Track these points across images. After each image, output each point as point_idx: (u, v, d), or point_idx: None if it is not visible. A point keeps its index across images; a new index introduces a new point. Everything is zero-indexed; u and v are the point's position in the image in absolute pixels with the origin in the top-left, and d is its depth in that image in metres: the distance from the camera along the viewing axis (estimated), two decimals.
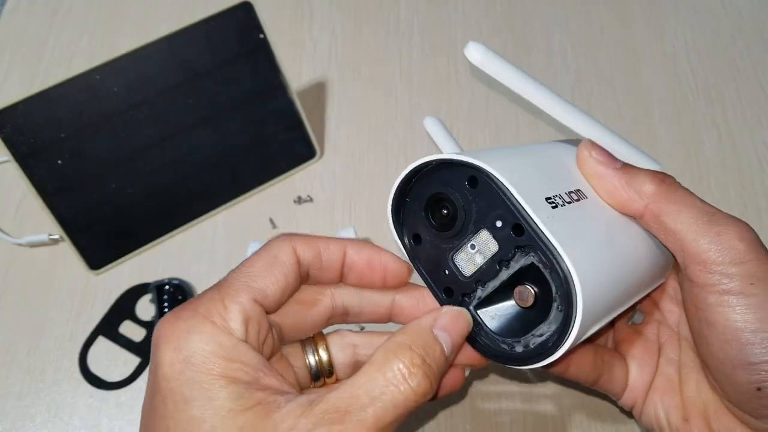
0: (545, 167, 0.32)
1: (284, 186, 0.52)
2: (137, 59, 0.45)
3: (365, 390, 0.24)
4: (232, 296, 0.26)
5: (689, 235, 0.30)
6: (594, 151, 0.32)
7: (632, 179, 0.31)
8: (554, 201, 0.29)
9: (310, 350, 0.31)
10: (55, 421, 0.44)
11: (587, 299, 0.27)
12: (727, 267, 0.29)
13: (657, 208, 0.31)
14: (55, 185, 0.46)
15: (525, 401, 0.43)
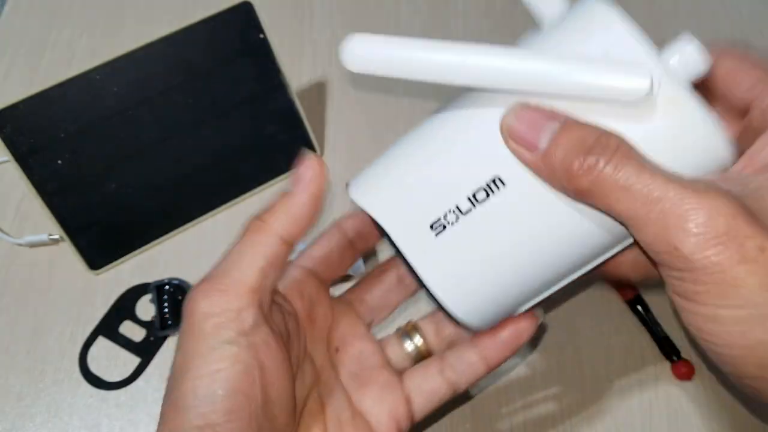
0: (444, 172, 0.29)
1: (284, 186, 0.52)
2: (137, 59, 0.45)
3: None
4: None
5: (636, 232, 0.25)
6: (512, 129, 0.26)
7: (555, 169, 0.26)
8: (442, 223, 0.28)
9: (407, 339, 0.36)
10: (54, 421, 0.44)
11: (475, 316, 0.29)
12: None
13: (593, 201, 0.26)
14: (55, 185, 0.46)
15: (525, 401, 0.43)
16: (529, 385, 0.44)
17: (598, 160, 0.24)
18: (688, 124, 0.26)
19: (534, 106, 0.26)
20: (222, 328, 0.27)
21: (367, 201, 0.30)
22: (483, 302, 0.29)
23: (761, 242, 0.22)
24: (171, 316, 0.46)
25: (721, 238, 0.22)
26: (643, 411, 0.43)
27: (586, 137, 0.25)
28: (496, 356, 0.34)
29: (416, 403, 0.34)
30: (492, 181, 0.27)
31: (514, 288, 0.29)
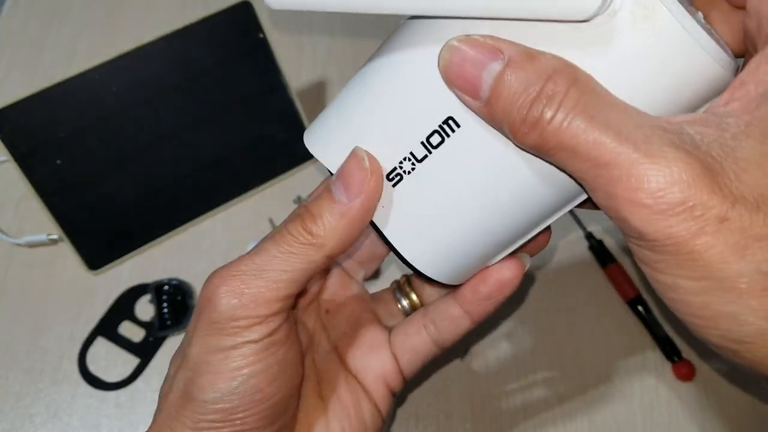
0: (394, 117, 0.26)
1: (284, 186, 0.52)
2: (137, 59, 0.45)
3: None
4: None
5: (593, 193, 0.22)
6: (449, 71, 0.23)
7: (499, 121, 0.22)
8: (398, 172, 0.26)
9: (399, 294, 0.36)
10: (54, 421, 0.43)
11: (440, 268, 0.28)
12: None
13: (542, 155, 0.23)
14: (55, 185, 0.46)
15: (525, 402, 0.43)
16: (530, 384, 0.44)
17: (543, 112, 0.21)
18: (665, 45, 0.21)
19: (474, 38, 0.22)
20: (248, 330, 0.27)
21: (323, 153, 0.28)
22: (447, 254, 0.28)
23: (722, 211, 0.19)
24: (170, 317, 0.46)
25: (675, 209, 0.19)
26: (644, 411, 0.43)
27: (531, 82, 0.21)
28: (479, 310, 0.32)
29: (403, 360, 0.33)
30: (445, 122, 0.25)
31: (477, 237, 0.27)
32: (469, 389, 0.44)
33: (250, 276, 0.27)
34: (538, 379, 0.44)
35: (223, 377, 0.27)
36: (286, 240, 0.27)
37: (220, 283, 0.27)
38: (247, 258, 0.27)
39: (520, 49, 0.22)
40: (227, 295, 0.27)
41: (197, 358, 0.27)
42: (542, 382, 0.44)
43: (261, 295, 0.27)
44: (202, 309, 0.27)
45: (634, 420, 0.42)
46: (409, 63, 0.25)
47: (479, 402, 0.43)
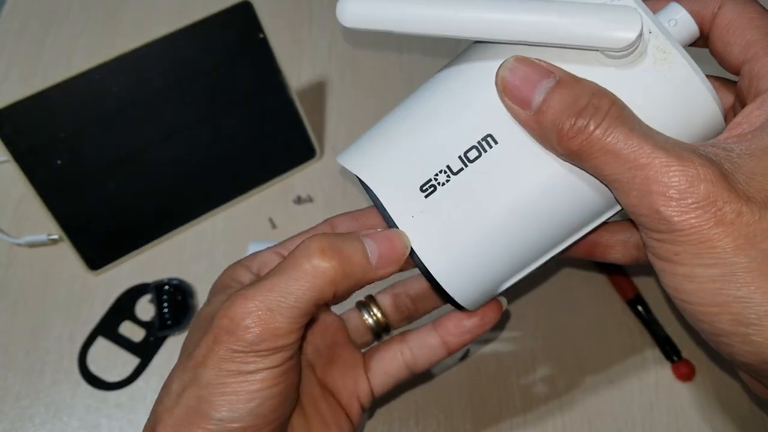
0: (435, 132, 0.28)
1: (284, 186, 0.52)
2: (136, 59, 0.45)
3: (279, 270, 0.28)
4: (260, 252, 0.34)
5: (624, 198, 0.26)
6: (506, 84, 0.26)
7: (546, 128, 0.26)
8: (433, 184, 0.28)
9: (366, 312, 0.38)
10: (54, 421, 0.43)
11: (462, 285, 0.29)
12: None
13: (581, 163, 0.26)
14: (55, 185, 0.46)
15: (525, 402, 0.43)
16: (529, 384, 0.44)
17: (589, 122, 0.25)
18: (677, 82, 0.26)
19: (529, 59, 0.26)
20: (268, 358, 0.28)
21: (355, 163, 0.30)
22: (469, 268, 0.29)
23: (738, 207, 0.23)
24: (171, 317, 0.46)
25: (700, 203, 0.23)
26: (644, 411, 0.43)
27: (579, 97, 0.25)
28: (458, 342, 0.35)
29: (376, 383, 0.36)
30: (484, 139, 0.27)
31: (501, 253, 0.29)
32: (469, 389, 0.44)
33: (272, 308, 0.27)
34: (538, 379, 0.44)
35: (242, 398, 0.28)
36: (307, 274, 0.27)
37: (243, 314, 0.27)
38: (269, 291, 0.28)
39: (567, 73, 0.26)
40: (251, 328, 0.27)
41: (213, 379, 0.28)
42: (542, 382, 0.44)
43: (282, 328, 0.28)
44: (221, 337, 0.28)
45: (634, 420, 0.42)
46: (455, 85, 0.29)
47: (479, 402, 0.43)
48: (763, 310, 0.23)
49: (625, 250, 0.34)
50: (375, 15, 0.27)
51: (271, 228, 0.50)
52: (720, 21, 0.29)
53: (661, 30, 0.26)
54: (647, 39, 0.26)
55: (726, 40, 0.28)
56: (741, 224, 0.23)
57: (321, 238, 0.28)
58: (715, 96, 0.27)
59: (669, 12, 0.29)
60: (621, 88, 0.26)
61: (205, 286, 0.48)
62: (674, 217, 0.24)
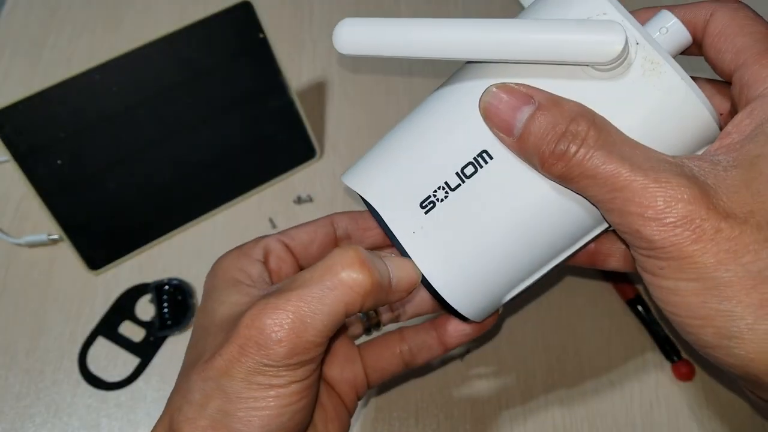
0: (433, 149, 0.29)
1: (284, 186, 0.52)
2: (137, 59, 0.45)
3: (304, 279, 0.28)
4: (265, 238, 0.34)
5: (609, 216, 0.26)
6: (488, 112, 0.27)
7: (529, 154, 0.27)
8: (432, 200, 0.29)
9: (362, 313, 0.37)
10: (54, 421, 0.43)
11: (465, 298, 0.29)
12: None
13: (566, 183, 0.27)
14: (55, 185, 0.46)
15: (525, 402, 0.43)
16: (529, 384, 0.44)
17: (569, 147, 0.25)
18: (667, 93, 0.26)
19: (509, 86, 0.27)
20: (297, 371, 0.27)
21: (358, 182, 0.31)
22: (470, 281, 0.29)
23: (717, 224, 0.24)
24: (171, 317, 0.46)
25: (678, 222, 0.24)
26: (644, 411, 0.43)
27: (558, 123, 0.26)
28: (455, 342, 0.36)
29: (372, 375, 0.36)
30: (479, 155, 0.28)
31: (501, 265, 0.29)
32: (469, 389, 0.44)
33: (305, 320, 0.27)
34: (538, 379, 0.44)
35: (274, 414, 0.27)
36: (342, 286, 0.27)
37: (274, 326, 0.26)
38: (302, 302, 0.27)
39: (548, 96, 0.26)
40: (282, 342, 0.26)
41: (241, 393, 0.27)
42: (542, 382, 0.44)
43: (312, 342, 0.27)
44: (249, 348, 0.27)
45: (634, 420, 0.42)
46: (450, 104, 0.29)
47: (479, 402, 0.43)
48: (744, 323, 0.24)
49: (625, 259, 0.34)
50: (369, 42, 0.28)
51: (271, 228, 0.50)
52: (711, 29, 0.29)
53: (648, 41, 0.26)
54: (635, 50, 0.26)
55: (718, 48, 0.28)
56: (721, 240, 0.24)
57: (358, 248, 0.28)
58: (706, 103, 0.27)
59: (660, 20, 0.29)
60: (610, 100, 0.26)
61: None
62: (654, 236, 0.24)
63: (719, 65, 0.29)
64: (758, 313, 0.24)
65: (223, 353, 0.27)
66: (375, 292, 0.27)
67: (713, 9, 0.29)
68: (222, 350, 0.27)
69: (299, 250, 0.35)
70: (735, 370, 0.25)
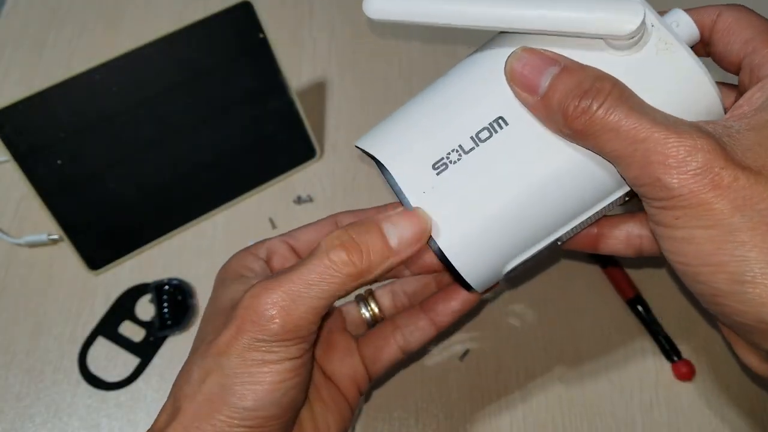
0: (448, 113, 0.30)
1: (284, 186, 0.52)
2: (137, 59, 0.45)
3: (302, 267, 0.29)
4: (269, 239, 0.36)
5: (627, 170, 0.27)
6: (514, 72, 0.28)
7: (553, 111, 0.28)
8: (445, 162, 0.29)
9: (364, 306, 0.39)
10: (54, 421, 0.43)
11: (470, 262, 0.30)
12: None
13: (586, 142, 0.28)
14: (55, 185, 0.46)
15: (525, 401, 0.43)
16: (529, 384, 0.44)
17: (592, 103, 0.26)
18: (678, 69, 0.28)
19: (536, 50, 0.28)
20: (290, 349, 0.29)
21: (370, 144, 0.31)
22: (476, 245, 0.30)
23: (734, 172, 0.25)
24: (171, 317, 0.46)
25: (698, 169, 0.25)
26: (644, 411, 0.43)
27: (583, 81, 0.27)
28: (445, 321, 0.37)
29: (372, 368, 0.38)
30: (495, 120, 0.29)
31: (507, 230, 0.30)
32: (469, 389, 0.44)
33: (295, 300, 0.29)
34: (538, 379, 0.44)
35: (267, 389, 0.29)
36: (328, 268, 0.29)
37: (267, 304, 0.29)
38: (291, 279, 0.29)
39: (571, 60, 0.28)
40: (275, 318, 0.28)
41: (237, 368, 0.29)
42: (541, 381, 0.44)
43: (304, 319, 0.29)
44: (245, 326, 0.29)
45: (634, 420, 0.42)
46: (469, 73, 0.30)
47: (479, 402, 0.43)
48: (758, 268, 0.25)
49: (627, 242, 0.35)
50: (398, 7, 0.28)
51: (271, 228, 0.50)
52: (720, 25, 0.30)
53: (663, 25, 0.28)
54: (650, 31, 0.28)
55: (726, 41, 0.30)
56: (737, 188, 0.25)
57: (341, 232, 0.29)
58: (713, 83, 0.28)
59: (672, 16, 0.30)
60: (625, 72, 0.28)
61: (205, 286, 0.48)
62: (674, 183, 0.25)
63: (727, 57, 0.30)
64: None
65: (223, 333, 0.29)
66: (367, 267, 0.29)
67: (720, 10, 0.30)
68: (222, 331, 0.29)
69: (303, 250, 0.36)
70: (746, 318, 0.25)
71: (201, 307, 0.47)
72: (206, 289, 0.47)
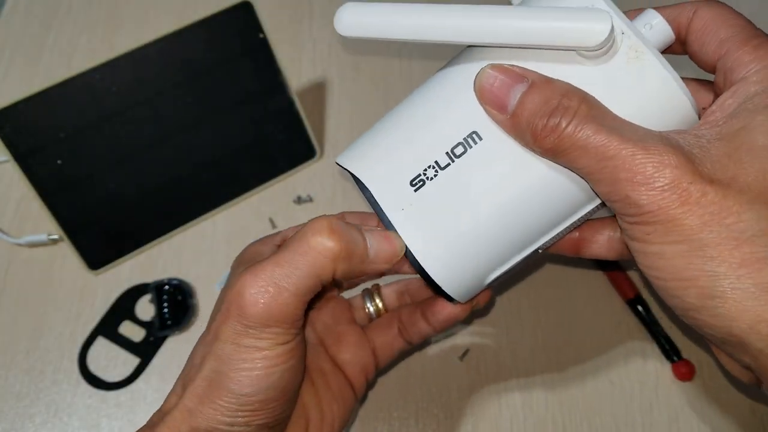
0: (424, 128, 0.30)
1: (284, 186, 0.52)
2: (137, 59, 0.45)
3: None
4: (285, 230, 0.36)
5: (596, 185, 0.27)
6: (482, 90, 0.28)
7: (522, 129, 0.28)
8: (422, 178, 0.29)
9: (369, 300, 0.40)
10: (54, 421, 0.43)
11: (450, 276, 0.30)
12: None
13: (556, 159, 0.28)
14: (55, 185, 0.46)
15: (524, 401, 0.43)
16: (529, 384, 0.44)
17: (560, 121, 0.26)
18: (649, 78, 0.27)
19: (504, 66, 0.28)
20: (280, 335, 0.30)
21: (350, 161, 0.31)
22: (455, 259, 0.30)
23: (703, 187, 0.25)
24: (170, 317, 0.46)
25: (666, 186, 0.25)
26: (644, 411, 0.43)
27: (550, 98, 0.27)
28: (441, 326, 0.38)
29: (380, 357, 0.39)
30: (469, 135, 0.29)
31: (486, 244, 0.30)
32: (469, 389, 0.44)
33: (281, 288, 0.29)
34: (538, 378, 0.44)
35: (261, 374, 0.29)
36: (312, 249, 0.29)
37: (251, 288, 0.29)
38: (277, 266, 0.29)
39: (540, 75, 0.28)
40: (259, 302, 0.29)
41: (231, 354, 0.29)
42: (541, 381, 0.44)
43: (291, 306, 0.29)
44: (231, 313, 0.29)
45: (634, 420, 0.42)
46: (441, 86, 0.31)
47: (479, 402, 0.43)
48: (728, 283, 0.25)
49: (609, 246, 0.35)
50: (368, 24, 0.29)
51: (271, 228, 0.50)
52: (695, 24, 0.30)
53: (633, 32, 0.28)
54: (620, 39, 0.27)
55: (702, 41, 0.30)
56: (706, 203, 0.25)
57: (330, 217, 0.30)
58: (686, 91, 0.28)
59: (645, 17, 0.30)
60: (595, 84, 0.27)
61: (205, 286, 0.48)
62: (642, 199, 0.25)
63: (703, 57, 0.30)
64: (740, 272, 0.24)
65: (216, 318, 0.30)
66: (345, 258, 0.29)
67: (696, 7, 0.30)
68: (216, 316, 0.30)
69: None
70: (718, 332, 0.26)
71: (201, 307, 0.47)
72: (206, 289, 0.48)
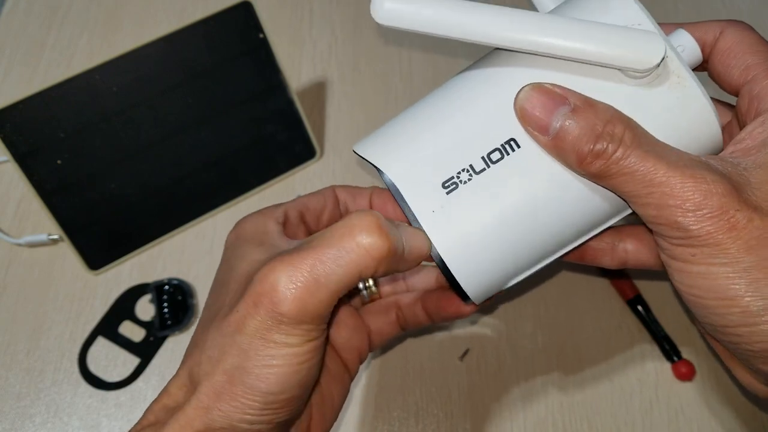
0: (460, 132, 0.30)
1: (284, 186, 0.52)
2: (137, 59, 0.45)
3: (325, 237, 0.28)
4: (285, 204, 0.35)
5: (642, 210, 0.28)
6: (524, 112, 0.28)
7: (566, 152, 0.28)
8: (455, 181, 0.29)
9: (363, 282, 0.39)
10: (54, 421, 0.43)
11: (474, 281, 0.30)
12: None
13: (600, 182, 0.29)
14: (55, 185, 0.46)
15: (524, 401, 0.43)
16: (529, 384, 0.44)
17: (607, 147, 0.27)
18: (689, 106, 0.28)
19: (545, 87, 0.28)
20: (311, 331, 0.28)
21: (376, 155, 0.30)
22: (482, 265, 0.30)
23: (749, 214, 0.26)
24: (171, 317, 0.46)
25: (714, 212, 0.26)
26: (644, 411, 0.43)
27: (595, 124, 0.27)
28: (443, 321, 0.38)
29: (374, 340, 0.38)
30: (507, 142, 0.29)
31: (513, 252, 0.30)
32: (469, 389, 0.44)
33: (321, 285, 0.27)
34: (538, 379, 0.44)
35: (289, 371, 0.28)
36: (360, 248, 0.27)
37: (289, 283, 0.27)
38: (319, 262, 0.27)
39: (582, 98, 0.28)
40: (297, 299, 0.27)
41: (258, 350, 0.27)
42: (541, 381, 0.44)
43: (326, 303, 0.27)
44: (262, 306, 0.27)
45: (634, 420, 0.42)
46: (483, 87, 0.30)
47: (479, 402, 0.43)
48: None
49: (613, 255, 0.36)
50: (411, 15, 0.27)
51: None
52: (721, 45, 0.31)
53: (676, 55, 0.28)
54: (664, 63, 0.28)
55: (727, 63, 0.31)
56: (752, 228, 0.26)
57: (377, 214, 0.28)
58: (718, 119, 0.29)
59: (677, 38, 0.30)
60: (638, 107, 0.28)
61: (205, 286, 0.48)
62: (691, 226, 0.27)
63: (726, 79, 0.31)
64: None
65: (239, 308, 0.28)
66: (390, 258, 0.27)
67: (723, 27, 0.31)
68: (238, 305, 0.28)
69: (311, 218, 0.36)
70: (757, 347, 0.27)
71: (201, 308, 0.47)
72: (206, 289, 0.48)
